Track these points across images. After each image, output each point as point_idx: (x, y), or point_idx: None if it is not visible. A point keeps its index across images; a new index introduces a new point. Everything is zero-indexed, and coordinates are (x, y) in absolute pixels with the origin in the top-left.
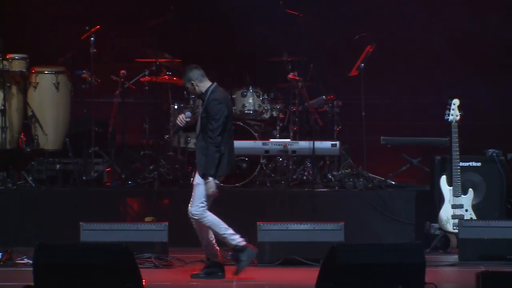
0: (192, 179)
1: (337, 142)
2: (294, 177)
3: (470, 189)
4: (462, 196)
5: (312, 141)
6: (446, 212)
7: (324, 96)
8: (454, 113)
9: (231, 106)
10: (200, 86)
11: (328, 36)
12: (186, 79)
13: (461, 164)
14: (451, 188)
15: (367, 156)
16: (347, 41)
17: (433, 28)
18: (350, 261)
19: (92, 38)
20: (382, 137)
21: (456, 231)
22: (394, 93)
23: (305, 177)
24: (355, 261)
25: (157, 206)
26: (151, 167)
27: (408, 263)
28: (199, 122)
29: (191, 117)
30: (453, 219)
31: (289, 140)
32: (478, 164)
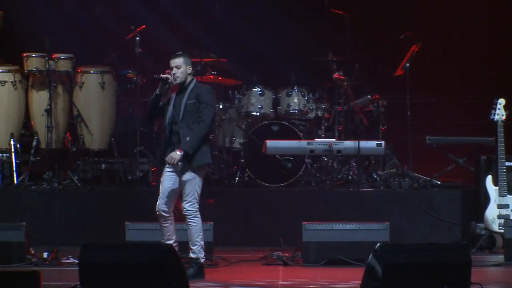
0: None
1: (382, 142)
2: (339, 177)
3: None
4: (508, 196)
5: (357, 141)
6: (492, 212)
7: (369, 96)
8: (500, 113)
9: None
10: (189, 74)
11: (374, 36)
12: (184, 62)
13: (507, 164)
14: (497, 188)
15: (413, 156)
16: (393, 41)
17: (479, 28)
18: (395, 261)
19: (138, 38)
20: (428, 137)
21: (502, 231)
22: (440, 93)
23: (350, 177)
24: (400, 261)
25: (202, 206)
26: None
27: (454, 263)
28: (182, 110)
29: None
30: (499, 219)
31: (334, 140)
32: None
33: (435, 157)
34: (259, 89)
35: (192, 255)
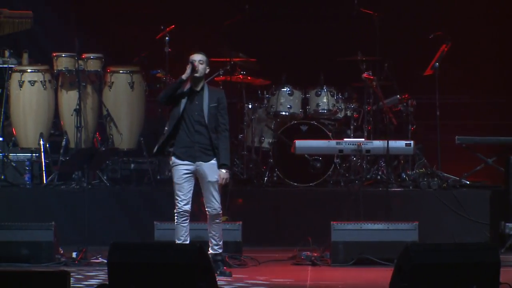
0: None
1: (412, 142)
2: (368, 177)
3: None
4: None
5: (386, 141)
6: None
7: (399, 96)
8: None
9: None
10: (206, 72)
11: (403, 35)
12: (206, 60)
13: None
14: None
15: (442, 156)
16: (422, 40)
17: (510, 27)
18: (424, 261)
19: (167, 38)
20: (457, 137)
21: None
22: (469, 92)
23: (379, 177)
24: (429, 261)
25: (231, 206)
26: None
27: (483, 263)
28: (207, 112)
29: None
30: None
31: (363, 140)
32: None
33: (464, 157)
34: (288, 89)
35: (221, 251)
